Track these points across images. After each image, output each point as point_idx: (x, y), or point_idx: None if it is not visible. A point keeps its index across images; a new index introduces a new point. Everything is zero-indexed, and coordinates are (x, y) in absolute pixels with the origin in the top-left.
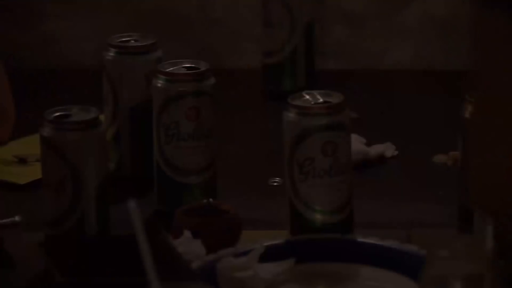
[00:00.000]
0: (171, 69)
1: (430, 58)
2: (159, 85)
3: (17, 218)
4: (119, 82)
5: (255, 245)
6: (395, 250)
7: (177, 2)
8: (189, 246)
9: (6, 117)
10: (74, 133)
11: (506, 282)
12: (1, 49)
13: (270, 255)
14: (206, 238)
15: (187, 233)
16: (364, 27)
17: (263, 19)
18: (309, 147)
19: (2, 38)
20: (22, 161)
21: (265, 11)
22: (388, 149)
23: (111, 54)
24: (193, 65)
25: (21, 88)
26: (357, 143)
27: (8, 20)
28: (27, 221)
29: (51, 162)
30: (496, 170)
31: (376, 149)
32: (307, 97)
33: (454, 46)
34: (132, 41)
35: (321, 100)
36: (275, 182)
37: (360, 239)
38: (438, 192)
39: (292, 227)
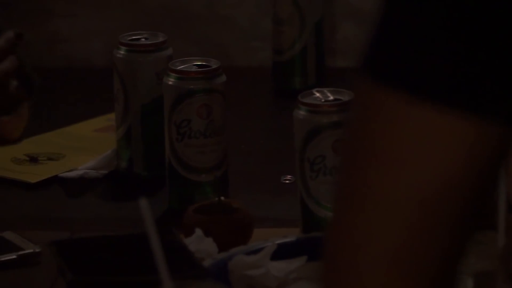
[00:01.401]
0: (182, 67)
1: None
2: (170, 83)
3: (37, 249)
4: (130, 80)
5: (266, 243)
6: None
7: (186, 0)
8: (200, 244)
9: (20, 115)
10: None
11: None
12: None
13: (282, 253)
14: (217, 236)
15: (198, 231)
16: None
17: (272, 17)
18: (319, 144)
19: None
20: (33, 160)
21: (275, 8)
22: None
23: (122, 52)
24: (203, 63)
25: None
26: None
27: (14, 18)
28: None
29: None
30: None
31: None
32: (318, 94)
33: None
34: (143, 39)
35: (331, 97)
36: (287, 179)
37: None
38: None
39: (304, 224)
